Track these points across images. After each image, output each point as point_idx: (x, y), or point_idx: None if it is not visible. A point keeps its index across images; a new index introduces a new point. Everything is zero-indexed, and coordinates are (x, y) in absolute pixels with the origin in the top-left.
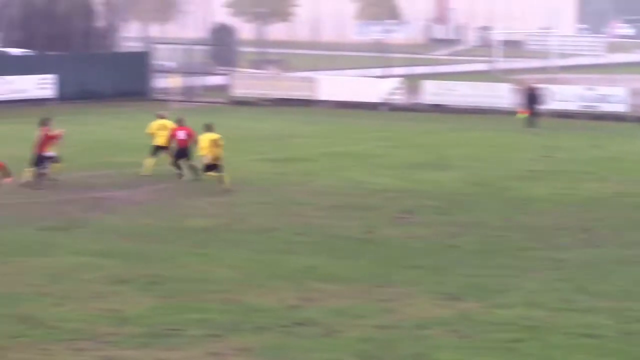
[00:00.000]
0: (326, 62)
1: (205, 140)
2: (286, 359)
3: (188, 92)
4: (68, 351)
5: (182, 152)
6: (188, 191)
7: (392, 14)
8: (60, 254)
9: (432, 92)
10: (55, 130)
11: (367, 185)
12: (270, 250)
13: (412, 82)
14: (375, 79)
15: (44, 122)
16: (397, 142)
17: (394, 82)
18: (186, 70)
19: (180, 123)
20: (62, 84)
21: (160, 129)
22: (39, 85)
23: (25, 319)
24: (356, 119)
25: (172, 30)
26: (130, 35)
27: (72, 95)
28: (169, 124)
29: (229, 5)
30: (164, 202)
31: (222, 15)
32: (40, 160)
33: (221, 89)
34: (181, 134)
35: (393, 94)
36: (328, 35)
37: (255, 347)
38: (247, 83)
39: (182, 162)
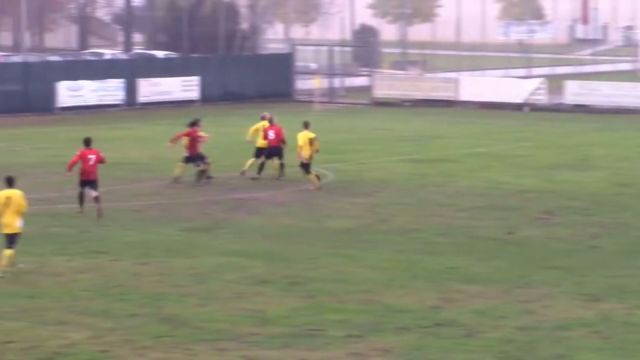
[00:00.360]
0: (469, 62)
1: (302, 138)
2: (427, 359)
3: (330, 94)
4: (211, 351)
5: (273, 151)
6: (329, 192)
7: (536, 14)
8: (204, 255)
9: (575, 93)
10: (202, 133)
11: (508, 186)
12: (411, 251)
13: (555, 83)
14: (517, 79)
15: (194, 123)
16: (539, 142)
17: (536, 83)
18: (329, 72)
19: (270, 122)
20: (205, 86)
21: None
22: (183, 87)
23: (169, 319)
24: (498, 120)
25: (315, 31)
26: (274, 37)
27: (215, 97)
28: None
29: (372, 7)
30: (306, 203)
31: (365, 16)
32: (194, 159)
33: (363, 90)
34: (271, 134)
35: (535, 94)
36: (471, 35)
37: (395, 347)
38: (389, 84)
39: (272, 161)
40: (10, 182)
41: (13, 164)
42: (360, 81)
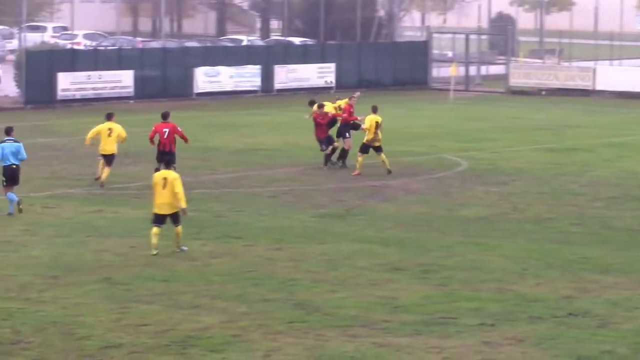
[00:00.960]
0: (606, 52)
1: (370, 120)
2: (560, 349)
3: (466, 82)
4: (342, 337)
5: (346, 127)
6: (464, 180)
7: None
8: (337, 241)
9: None
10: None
11: None
12: (545, 240)
13: None
14: None
15: (319, 105)
16: None
17: None
18: (465, 60)
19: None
20: (341, 73)
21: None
22: (319, 74)
23: (302, 304)
24: (635, 110)
25: (451, 19)
26: (410, 25)
27: (350, 84)
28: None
29: None
30: (440, 190)
31: (502, 4)
32: (326, 141)
33: (499, 78)
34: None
35: None
36: (608, 24)
37: (529, 337)
38: (525, 72)
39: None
40: (168, 165)
41: (149, 150)
42: (496, 69)
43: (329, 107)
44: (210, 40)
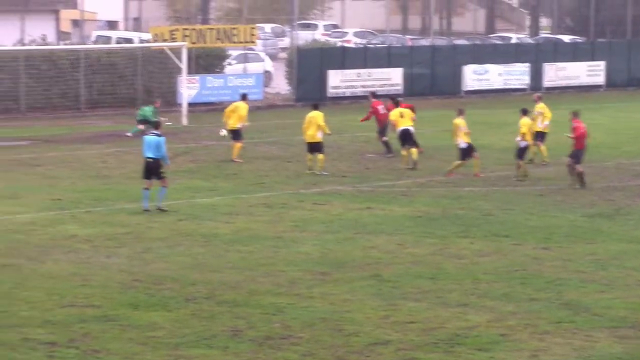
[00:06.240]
0: None
1: None
2: None
3: None
4: (611, 338)
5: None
6: None
7: None
8: (606, 241)
9: None
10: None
11: None
12: None
13: None
14: None
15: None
16: None
17: None
18: None
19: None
20: (611, 71)
21: None
22: (588, 72)
23: (569, 304)
24: None
25: None
26: None
27: (620, 82)
28: None
29: None
30: None
31: None
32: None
33: None
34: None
35: None
36: None
37: None
38: None
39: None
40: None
41: (442, 146)
42: None
43: None
44: (479, 38)
